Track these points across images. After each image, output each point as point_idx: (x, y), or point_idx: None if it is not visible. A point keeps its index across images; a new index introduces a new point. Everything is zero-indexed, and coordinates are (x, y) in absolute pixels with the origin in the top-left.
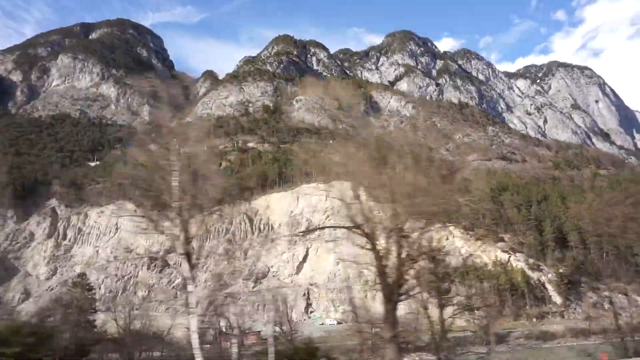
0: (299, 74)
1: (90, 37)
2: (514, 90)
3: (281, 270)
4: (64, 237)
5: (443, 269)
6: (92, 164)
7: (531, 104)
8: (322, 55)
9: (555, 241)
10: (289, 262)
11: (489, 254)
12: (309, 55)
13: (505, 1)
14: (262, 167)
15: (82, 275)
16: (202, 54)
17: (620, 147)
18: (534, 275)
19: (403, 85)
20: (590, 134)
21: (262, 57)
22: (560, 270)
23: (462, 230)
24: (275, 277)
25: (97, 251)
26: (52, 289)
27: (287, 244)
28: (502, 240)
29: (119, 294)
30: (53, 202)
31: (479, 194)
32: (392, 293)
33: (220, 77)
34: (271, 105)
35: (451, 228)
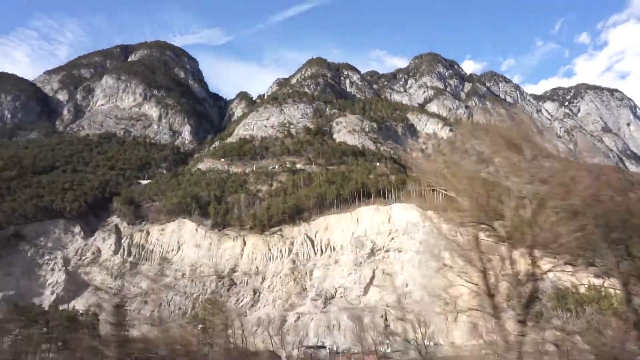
0: (335, 96)
1: (129, 58)
2: (542, 113)
3: (348, 291)
4: (129, 253)
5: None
6: (144, 182)
7: (560, 127)
8: (354, 77)
9: None
10: (356, 283)
11: (580, 278)
12: (342, 78)
13: (529, 24)
14: (318, 188)
15: (214, 293)
16: (228, 75)
17: None
18: (635, 300)
19: (433, 108)
20: (623, 157)
21: (298, 79)
22: None
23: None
24: (343, 297)
25: (162, 268)
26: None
27: (353, 265)
28: (592, 264)
29: (189, 311)
30: (115, 219)
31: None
32: None
33: (251, 98)
34: (312, 127)
35: (535, 251)
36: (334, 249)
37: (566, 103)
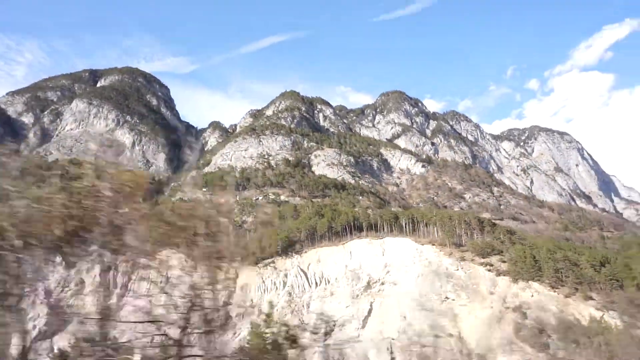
0: (311, 129)
1: (98, 83)
2: (500, 152)
3: (347, 323)
4: (114, 284)
5: (535, 324)
6: (121, 210)
7: (517, 166)
8: (327, 111)
9: None
10: (354, 316)
11: (580, 310)
12: (315, 112)
13: (483, 68)
14: (307, 220)
15: (256, 326)
16: (194, 103)
17: (603, 210)
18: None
19: (401, 143)
20: (574, 196)
21: (274, 111)
22: None
23: (548, 288)
24: (342, 330)
25: (150, 301)
26: None
27: (350, 298)
28: (591, 298)
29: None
30: (96, 248)
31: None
32: None
33: (224, 128)
34: (291, 159)
35: (536, 285)
36: (329, 282)
37: (521, 143)
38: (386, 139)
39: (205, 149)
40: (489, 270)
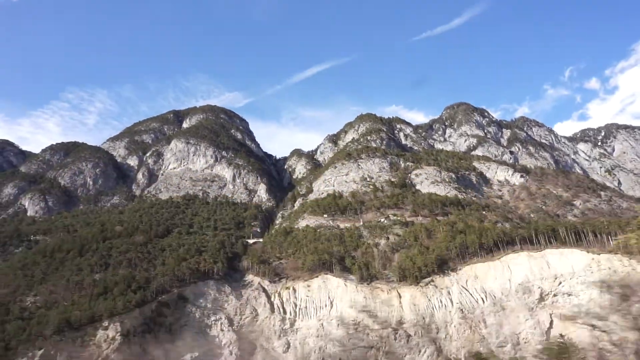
0: (398, 149)
1: (183, 122)
2: (579, 155)
3: (530, 336)
4: (284, 311)
5: None
6: (251, 240)
7: (600, 167)
8: (407, 130)
9: None
10: (537, 329)
11: None
12: (395, 131)
13: (536, 73)
14: (452, 239)
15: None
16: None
17: None
18: None
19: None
20: None
21: (360, 134)
22: None
23: None
24: (527, 343)
25: (322, 324)
26: None
27: (526, 311)
28: None
29: None
30: (253, 277)
31: None
32: None
33: (310, 154)
34: (394, 180)
35: None
36: (495, 296)
37: (599, 143)
38: (462, 151)
39: (294, 177)
40: None
